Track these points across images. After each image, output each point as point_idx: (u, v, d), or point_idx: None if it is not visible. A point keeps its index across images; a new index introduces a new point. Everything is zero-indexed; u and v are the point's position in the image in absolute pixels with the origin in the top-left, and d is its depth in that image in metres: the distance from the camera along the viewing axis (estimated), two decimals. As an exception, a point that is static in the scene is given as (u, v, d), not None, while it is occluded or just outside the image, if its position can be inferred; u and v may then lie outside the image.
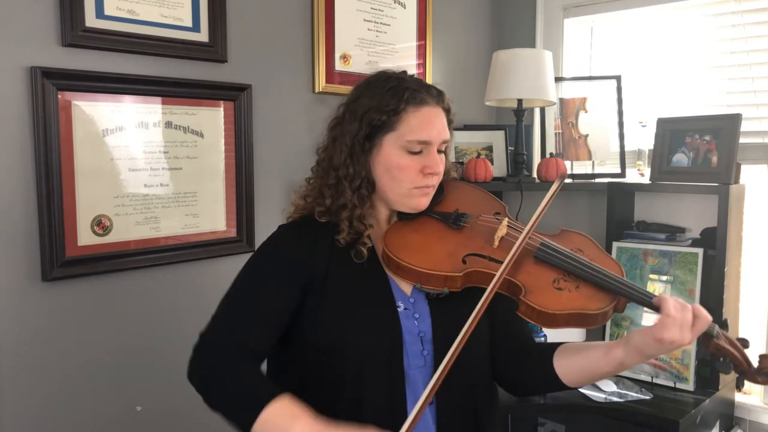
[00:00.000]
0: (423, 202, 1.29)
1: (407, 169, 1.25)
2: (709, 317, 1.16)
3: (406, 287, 1.28)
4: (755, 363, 1.20)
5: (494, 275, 1.18)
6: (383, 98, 1.24)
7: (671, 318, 1.12)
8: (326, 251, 1.25)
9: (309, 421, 1.09)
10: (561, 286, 1.20)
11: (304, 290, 1.24)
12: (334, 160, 1.27)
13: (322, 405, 1.19)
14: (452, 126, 1.33)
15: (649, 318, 2.22)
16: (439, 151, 1.29)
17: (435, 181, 1.29)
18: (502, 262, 1.19)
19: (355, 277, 1.25)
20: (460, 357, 1.11)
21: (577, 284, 1.20)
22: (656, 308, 1.16)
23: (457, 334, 1.12)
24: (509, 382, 1.38)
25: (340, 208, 1.26)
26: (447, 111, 1.31)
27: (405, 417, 1.12)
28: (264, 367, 1.31)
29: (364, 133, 1.25)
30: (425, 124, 1.25)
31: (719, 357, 1.20)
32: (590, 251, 1.29)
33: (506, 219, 1.31)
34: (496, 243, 1.26)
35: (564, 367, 1.27)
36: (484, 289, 1.17)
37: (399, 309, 1.25)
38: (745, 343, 1.21)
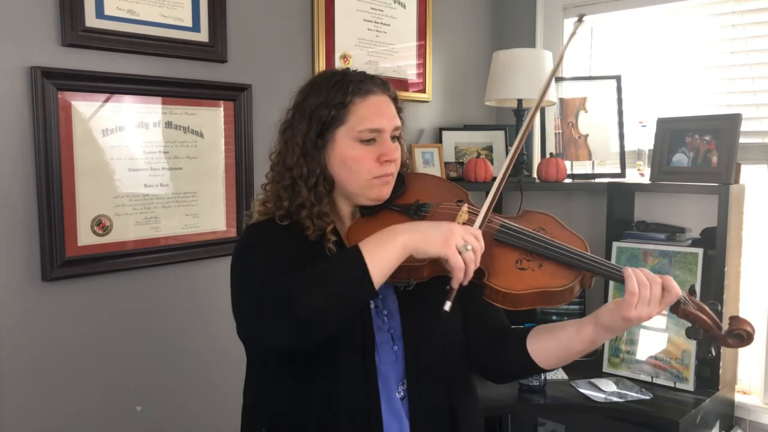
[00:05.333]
0: (384, 191, 1.28)
1: (363, 159, 1.25)
2: (679, 291, 1.15)
3: None
4: (726, 326, 1.18)
5: None
6: (329, 94, 1.25)
7: (635, 296, 1.12)
8: (299, 246, 1.23)
9: (398, 226, 1.10)
10: (524, 266, 1.20)
11: None
12: (288, 161, 1.27)
13: (296, 401, 1.21)
14: (402, 114, 1.33)
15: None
16: (394, 138, 1.29)
17: (393, 168, 1.28)
18: None
19: None
20: (430, 346, 1.22)
21: (540, 263, 1.20)
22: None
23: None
24: (487, 369, 1.39)
25: (298, 207, 1.25)
26: (394, 99, 1.32)
27: (379, 413, 1.19)
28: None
29: (316, 131, 1.25)
30: (374, 112, 1.25)
31: (689, 322, 1.18)
32: (553, 230, 1.28)
33: (466, 205, 1.30)
34: None
35: (538, 350, 1.28)
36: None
37: (371, 308, 1.24)
38: (714, 306, 1.19)
